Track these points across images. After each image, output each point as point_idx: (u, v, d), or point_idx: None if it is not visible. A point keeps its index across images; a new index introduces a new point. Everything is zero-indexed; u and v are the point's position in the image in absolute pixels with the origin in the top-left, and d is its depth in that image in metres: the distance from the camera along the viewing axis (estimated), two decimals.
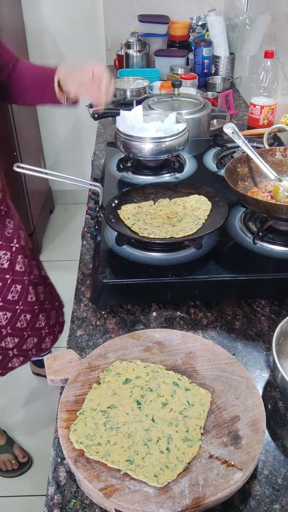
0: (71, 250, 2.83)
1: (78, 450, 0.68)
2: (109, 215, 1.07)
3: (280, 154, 1.22)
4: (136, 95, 1.94)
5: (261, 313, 0.98)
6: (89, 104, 1.60)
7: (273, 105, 1.76)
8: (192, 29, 2.58)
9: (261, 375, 0.85)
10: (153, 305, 1.01)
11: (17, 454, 1.78)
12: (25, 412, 2.01)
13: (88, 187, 1.10)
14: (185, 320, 0.97)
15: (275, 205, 1.01)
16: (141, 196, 1.17)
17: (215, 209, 1.10)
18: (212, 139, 1.54)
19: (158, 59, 2.45)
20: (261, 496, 0.68)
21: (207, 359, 0.82)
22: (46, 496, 0.69)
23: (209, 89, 2.29)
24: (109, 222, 1.05)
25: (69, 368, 0.81)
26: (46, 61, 3.15)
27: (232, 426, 0.71)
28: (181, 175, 1.37)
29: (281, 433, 0.76)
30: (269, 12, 1.82)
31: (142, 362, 0.81)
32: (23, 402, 2.04)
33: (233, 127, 1.20)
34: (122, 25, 2.70)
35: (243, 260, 1.02)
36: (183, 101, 1.62)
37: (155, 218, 1.10)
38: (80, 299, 1.04)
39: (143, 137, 1.32)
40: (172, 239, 1.01)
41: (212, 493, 0.63)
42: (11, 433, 1.88)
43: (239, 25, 2.27)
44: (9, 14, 2.50)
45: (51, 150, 3.29)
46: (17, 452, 1.79)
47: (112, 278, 0.98)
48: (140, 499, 0.63)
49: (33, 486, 1.75)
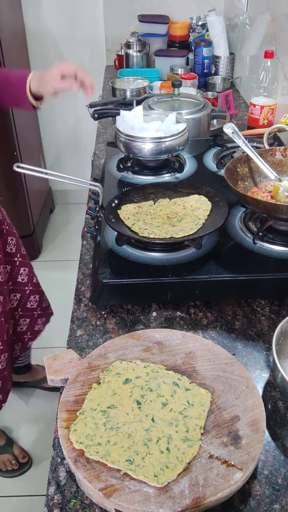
0: (71, 250, 2.83)
1: (78, 450, 0.68)
2: (109, 215, 1.07)
3: (280, 154, 1.22)
4: (136, 95, 1.94)
5: (261, 313, 0.98)
6: (89, 104, 1.60)
7: (273, 105, 1.76)
8: (192, 29, 2.58)
9: (261, 375, 0.85)
10: (153, 305, 1.01)
11: (17, 454, 1.78)
12: (25, 412, 2.01)
13: (88, 187, 1.10)
14: (185, 320, 0.97)
15: (275, 205, 1.01)
16: (141, 196, 1.17)
17: (215, 209, 1.10)
18: (212, 139, 1.54)
19: (158, 59, 2.45)
20: (261, 496, 0.68)
21: (207, 359, 0.82)
22: (46, 496, 0.69)
23: (209, 89, 2.29)
24: (109, 222, 1.05)
25: (69, 368, 0.81)
26: (46, 61, 3.15)
27: (232, 426, 0.71)
28: (181, 175, 1.37)
29: (281, 433, 0.76)
30: (269, 12, 1.82)
31: (142, 362, 0.81)
32: (23, 402, 2.04)
33: (233, 127, 1.20)
34: (122, 25, 2.71)
35: (243, 260, 1.02)
36: (183, 101, 1.63)
37: (155, 218, 1.10)
38: (80, 299, 1.04)
39: (143, 137, 1.32)
40: (172, 239, 1.01)
41: (212, 493, 0.63)
42: (11, 434, 1.88)
43: (239, 25, 2.27)
44: (9, 14, 2.50)
45: (51, 150, 3.29)
46: (17, 452, 1.79)
47: (112, 278, 0.98)
48: (140, 499, 0.63)
49: (33, 486, 1.75)
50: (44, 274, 2.91)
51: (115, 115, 1.47)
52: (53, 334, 2.35)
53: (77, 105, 3.03)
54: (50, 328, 2.40)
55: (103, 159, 1.61)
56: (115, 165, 1.43)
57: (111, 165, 1.43)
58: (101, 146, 1.76)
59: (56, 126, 3.19)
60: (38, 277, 1.70)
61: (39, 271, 3.11)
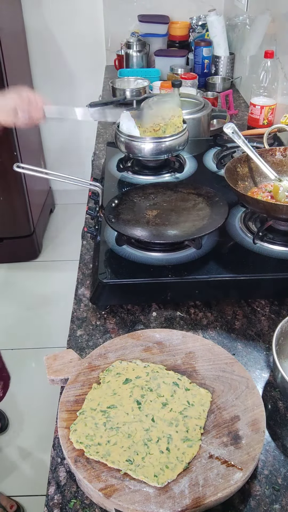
0: (71, 250, 2.83)
1: (78, 450, 0.68)
2: (109, 215, 1.07)
3: (280, 154, 1.22)
4: (136, 95, 1.94)
5: (261, 313, 0.98)
6: (89, 104, 1.60)
7: (273, 105, 1.76)
8: (192, 29, 2.58)
9: (261, 375, 0.85)
10: (153, 305, 1.01)
11: (4, 505, 1.65)
12: (24, 411, 2.01)
13: (88, 187, 1.10)
14: (185, 320, 0.97)
15: (275, 205, 1.01)
16: (141, 196, 1.17)
17: (215, 209, 1.10)
18: (212, 139, 1.54)
19: (158, 59, 2.45)
20: (261, 496, 0.68)
21: (207, 359, 0.82)
22: (46, 496, 0.69)
23: (209, 89, 2.29)
24: (109, 222, 1.05)
25: (69, 368, 0.81)
26: (46, 61, 3.14)
27: (232, 426, 0.71)
28: (181, 175, 1.37)
29: (281, 433, 0.76)
30: (269, 12, 1.82)
31: (142, 362, 0.81)
32: (23, 402, 2.04)
33: (233, 127, 1.20)
34: (122, 25, 2.71)
35: (243, 260, 1.02)
36: (183, 101, 1.62)
37: (145, 132, 1.30)
38: (80, 299, 1.04)
39: (143, 137, 1.32)
40: (172, 239, 1.01)
41: (212, 493, 0.63)
42: (10, 433, 1.88)
43: (239, 25, 2.27)
44: (9, 14, 2.50)
45: (51, 150, 3.29)
46: (4, 502, 1.66)
47: (112, 278, 0.98)
48: (140, 499, 0.63)
49: (33, 486, 1.75)
50: (44, 274, 2.93)
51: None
52: (53, 334, 2.36)
53: (77, 105, 3.03)
54: (50, 328, 2.41)
55: (103, 159, 1.61)
56: (115, 165, 1.43)
57: (111, 165, 1.43)
58: (101, 146, 1.76)
59: (56, 126, 3.19)
60: (38, 277, 1.67)
61: (39, 271, 3.12)
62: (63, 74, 3.00)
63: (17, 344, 2.30)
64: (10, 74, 2.39)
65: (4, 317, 2.50)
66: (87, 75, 2.98)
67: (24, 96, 1.09)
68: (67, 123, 3.17)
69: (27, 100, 1.09)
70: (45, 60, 2.96)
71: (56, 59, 2.95)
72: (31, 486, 1.75)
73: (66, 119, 1.20)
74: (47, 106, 1.13)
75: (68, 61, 2.97)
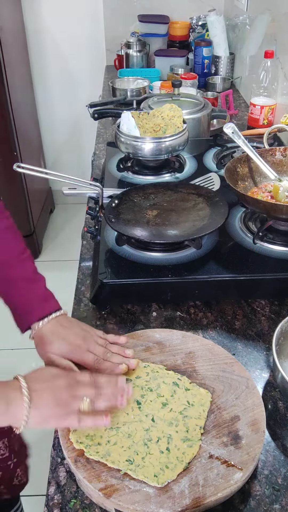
0: (71, 250, 2.83)
1: (78, 450, 0.68)
2: (109, 215, 1.07)
3: (280, 154, 1.22)
4: (136, 95, 1.94)
5: (261, 313, 0.98)
6: (89, 104, 1.60)
7: (273, 105, 1.76)
8: (192, 29, 2.58)
9: (261, 375, 0.85)
10: (153, 305, 1.01)
11: None
12: None
13: (88, 187, 1.10)
14: (185, 320, 0.97)
15: (275, 205, 1.01)
16: (141, 196, 1.17)
17: (215, 209, 1.10)
18: (212, 139, 1.54)
19: (158, 59, 2.45)
20: (261, 496, 0.68)
21: (207, 359, 0.82)
22: (46, 496, 0.69)
23: (209, 89, 2.29)
24: (109, 222, 1.05)
25: None
26: (46, 61, 3.13)
27: (232, 426, 0.71)
28: (181, 175, 1.37)
29: (281, 433, 0.76)
30: (269, 12, 1.82)
31: (142, 362, 0.81)
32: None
33: (233, 127, 1.20)
34: (122, 25, 2.71)
35: (243, 260, 1.02)
36: (183, 101, 1.62)
37: (145, 132, 1.32)
38: (80, 299, 1.04)
39: (143, 137, 1.32)
40: (172, 239, 1.01)
41: (212, 493, 0.63)
42: None
43: (239, 25, 2.27)
44: (9, 14, 2.50)
45: (51, 150, 3.29)
46: None
47: (112, 278, 0.98)
48: (140, 499, 0.63)
49: (33, 486, 1.75)
50: (44, 274, 2.92)
51: (115, 115, 1.47)
52: None
53: (77, 105, 3.03)
54: None
55: (103, 159, 1.61)
56: (115, 165, 1.43)
57: (111, 165, 1.43)
58: (101, 146, 1.76)
59: (56, 126, 3.19)
60: None
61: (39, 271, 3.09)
62: (63, 74, 3.00)
63: (17, 344, 2.30)
64: (10, 74, 2.39)
65: (4, 317, 2.49)
66: (87, 75, 2.99)
67: None
68: (67, 123, 3.17)
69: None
70: (45, 60, 2.96)
71: (56, 59, 2.95)
72: (31, 486, 1.74)
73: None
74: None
75: (68, 61, 2.97)
